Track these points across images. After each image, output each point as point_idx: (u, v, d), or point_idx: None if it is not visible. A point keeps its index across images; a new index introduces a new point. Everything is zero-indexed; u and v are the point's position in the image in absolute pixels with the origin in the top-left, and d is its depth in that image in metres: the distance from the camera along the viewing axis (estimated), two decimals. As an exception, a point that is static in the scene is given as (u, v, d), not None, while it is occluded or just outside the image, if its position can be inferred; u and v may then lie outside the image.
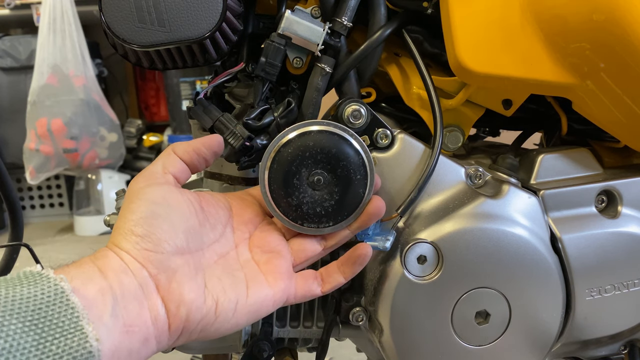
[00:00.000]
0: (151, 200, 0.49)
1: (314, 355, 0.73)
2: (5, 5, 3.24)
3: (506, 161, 0.66)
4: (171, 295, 0.47)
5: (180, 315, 0.47)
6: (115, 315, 0.42)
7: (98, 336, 0.39)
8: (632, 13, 0.54)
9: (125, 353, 0.42)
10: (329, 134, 0.55)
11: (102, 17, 0.56)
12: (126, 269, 0.45)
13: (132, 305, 0.44)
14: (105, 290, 0.43)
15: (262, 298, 0.51)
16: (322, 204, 0.55)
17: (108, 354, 0.40)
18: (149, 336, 0.45)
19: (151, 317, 0.45)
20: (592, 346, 0.72)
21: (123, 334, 0.42)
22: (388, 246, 0.59)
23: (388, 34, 0.64)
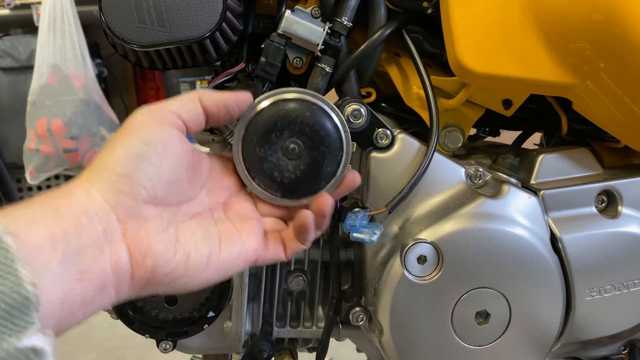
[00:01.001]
0: (147, 141, 0.45)
1: (314, 355, 0.73)
2: (5, 5, 3.24)
3: (506, 161, 0.66)
4: (138, 245, 0.44)
5: (146, 266, 0.44)
6: (65, 262, 0.39)
7: (35, 281, 0.36)
8: (632, 13, 0.54)
9: (77, 301, 0.40)
10: (305, 102, 0.53)
11: (102, 17, 0.56)
12: (90, 212, 0.42)
13: (89, 251, 0.41)
14: (56, 235, 0.39)
15: (234, 254, 0.49)
16: (296, 175, 0.53)
17: (56, 302, 0.38)
18: (106, 284, 0.42)
19: (111, 265, 0.42)
20: (592, 346, 0.72)
21: (75, 282, 0.39)
22: (375, 240, 0.59)
23: (388, 34, 0.64)
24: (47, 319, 0.37)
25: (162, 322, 0.69)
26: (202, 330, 0.68)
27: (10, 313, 0.35)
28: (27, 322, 0.35)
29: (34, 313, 0.35)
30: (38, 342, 0.35)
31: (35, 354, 0.35)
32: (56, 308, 0.38)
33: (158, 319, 0.69)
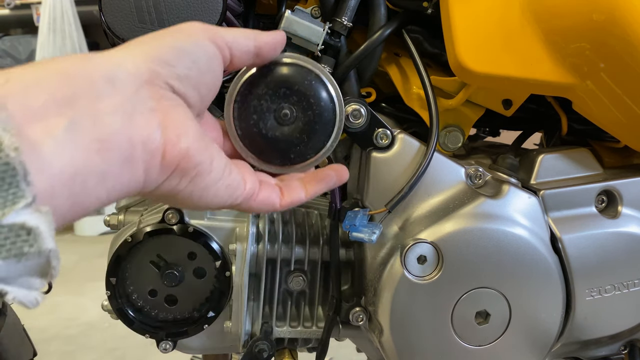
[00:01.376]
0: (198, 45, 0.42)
1: (314, 355, 0.73)
2: (5, 5, 3.24)
3: (506, 161, 0.66)
4: (172, 122, 0.39)
5: (180, 147, 0.39)
6: (75, 129, 0.33)
7: (17, 145, 0.29)
8: (632, 13, 0.54)
9: (96, 176, 0.34)
10: (300, 67, 0.52)
11: (102, 17, 0.56)
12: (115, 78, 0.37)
13: (111, 118, 0.35)
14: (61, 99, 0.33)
15: (238, 179, 0.46)
16: (287, 141, 0.52)
17: (63, 175, 0.32)
18: (134, 158, 0.36)
19: (142, 137, 0.37)
20: (592, 346, 0.72)
21: (91, 152, 0.34)
22: (374, 239, 0.59)
23: (388, 34, 0.64)
24: (52, 195, 0.32)
25: (162, 322, 0.69)
26: (202, 330, 0.68)
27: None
28: (15, 194, 0.29)
29: (24, 185, 0.29)
30: (30, 219, 0.29)
31: (27, 232, 0.29)
32: (65, 183, 0.32)
33: (158, 319, 0.69)
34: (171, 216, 0.65)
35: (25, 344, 0.98)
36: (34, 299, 0.31)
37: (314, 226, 0.71)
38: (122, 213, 0.73)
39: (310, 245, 0.69)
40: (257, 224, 0.69)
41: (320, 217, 0.72)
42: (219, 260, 0.66)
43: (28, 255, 0.29)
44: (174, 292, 0.68)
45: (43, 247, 0.30)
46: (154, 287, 0.68)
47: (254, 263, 0.68)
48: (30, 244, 0.29)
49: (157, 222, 0.66)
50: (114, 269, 0.66)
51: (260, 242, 0.68)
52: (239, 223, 0.68)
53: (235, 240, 0.67)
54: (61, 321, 2.30)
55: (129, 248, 0.65)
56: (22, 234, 0.29)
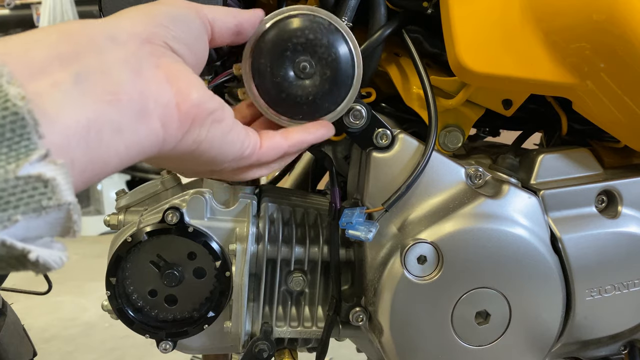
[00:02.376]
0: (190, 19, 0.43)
1: (314, 355, 0.73)
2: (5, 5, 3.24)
3: (506, 161, 0.66)
4: (180, 75, 0.39)
5: (192, 98, 0.39)
6: (83, 81, 0.32)
7: (24, 94, 0.28)
8: (632, 13, 0.54)
9: (110, 127, 0.33)
10: (317, 19, 0.52)
11: (102, 17, 0.56)
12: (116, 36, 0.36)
13: (118, 71, 0.35)
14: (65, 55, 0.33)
15: (244, 134, 0.46)
16: (305, 95, 0.52)
17: (76, 127, 0.31)
18: (148, 111, 0.36)
19: (153, 91, 0.37)
20: (592, 346, 0.72)
21: (103, 104, 0.33)
22: (370, 237, 0.59)
23: (388, 34, 0.64)
24: (67, 147, 0.31)
25: (162, 322, 0.69)
26: (202, 330, 0.68)
27: (2, 134, 0.28)
28: (27, 147, 0.28)
29: (35, 136, 0.28)
30: (46, 170, 0.28)
31: (44, 184, 0.28)
32: (79, 134, 0.31)
33: (158, 319, 0.69)
34: (171, 216, 0.65)
35: (25, 344, 0.98)
36: (59, 258, 0.30)
37: (314, 226, 0.71)
38: (122, 213, 0.73)
39: (310, 245, 0.69)
40: (257, 224, 0.69)
41: (320, 217, 0.72)
42: (219, 260, 0.66)
43: (47, 209, 0.28)
44: (174, 292, 0.68)
45: (62, 199, 0.29)
46: (154, 287, 0.68)
47: (254, 263, 0.68)
48: (48, 196, 0.28)
49: (157, 222, 0.66)
50: (114, 269, 0.66)
51: (260, 242, 0.68)
52: (239, 223, 0.68)
53: (235, 240, 0.67)
54: (61, 321, 2.30)
55: (129, 248, 0.65)
56: (39, 187, 0.28)
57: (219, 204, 0.69)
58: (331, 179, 0.66)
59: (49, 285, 1.08)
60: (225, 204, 0.69)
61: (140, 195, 0.75)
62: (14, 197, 0.27)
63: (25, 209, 0.28)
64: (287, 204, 0.72)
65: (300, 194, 0.78)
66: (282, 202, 0.72)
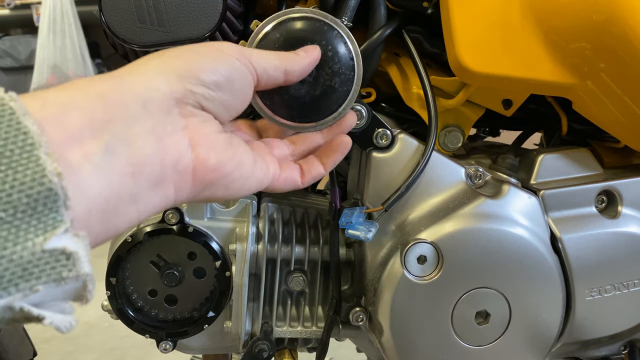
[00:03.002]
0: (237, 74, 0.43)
1: (314, 355, 0.73)
2: (5, 5, 3.24)
3: (506, 161, 0.66)
4: (202, 139, 0.40)
5: (210, 163, 0.40)
6: (111, 152, 0.34)
7: (60, 170, 0.30)
8: (632, 13, 0.54)
9: (128, 198, 0.35)
10: (315, 21, 0.52)
11: (102, 17, 0.56)
12: (148, 100, 0.37)
13: (143, 141, 0.36)
14: (97, 122, 0.34)
15: (265, 167, 0.48)
16: (306, 98, 0.52)
17: (99, 199, 0.33)
18: (165, 179, 0.37)
19: (172, 158, 0.38)
20: (592, 346, 0.72)
21: (125, 176, 0.34)
22: (370, 237, 0.59)
23: (388, 34, 0.64)
24: (87, 219, 0.32)
25: (162, 322, 0.69)
26: (202, 330, 0.68)
27: (34, 208, 0.29)
28: (54, 219, 0.29)
29: (63, 210, 0.30)
30: (70, 244, 0.30)
31: (67, 257, 0.30)
32: (99, 206, 0.33)
33: (158, 319, 0.69)
34: (171, 216, 0.65)
35: (25, 344, 0.98)
36: (69, 323, 0.32)
37: (314, 226, 0.71)
38: (122, 213, 0.73)
39: (310, 245, 0.69)
40: (257, 224, 0.69)
41: (320, 217, 0.72)
42: (219, 260, 0.66)
43: (67, 279, 0.30)
44: (174, 292, 0.68)
45: (81, 271, 0.30)
46: (154, 287, 0.68)
47: (254, 263, 0.68)
48: (69, 268, 0.30)
49: (157, 222, 0.66)
50: (114, 269, 0.66)
51: (260, 242, 0.68)
52: (239, 223, 0.68)
53: (235, 240, 0.67)
54: (61, 321, 2.30)
55: (129, 248, 0.65)
56: (62, 259, 0.30)
57: (219, 204, 0.69)
58: (331, 179, 0.66)
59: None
60: (225, 204, 0.69)
61: (140, 195, 0.75)
62: (38, 269, 0.29)
63: (47, 279, 0.29)
64: (287, 204, 0.72)
65: (300, 194, 0.78)
66: (282, 202, 0.72)
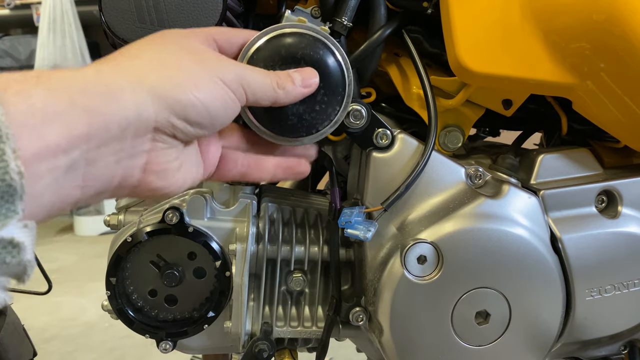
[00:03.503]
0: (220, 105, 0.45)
1: (314, 355, 0.73)
2: (5, 5, 3.24)
3: (506, 161, 0.66)
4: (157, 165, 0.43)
5: (151, 186, 0.43)
6: (74, 170, 0.36)
7: (22, 169, 0.32)
8: (632, 13, 0.54)
9: (71, 204, 0.38)
10: (307, 37, 0.53)
11: (102, 17, 0.56)
12: (131, 125, 0.39)
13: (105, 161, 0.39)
14: (75, 140, 0.36)
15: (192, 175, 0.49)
16: (295, 113, 0.53)
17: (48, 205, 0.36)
18: (105, 192, 0.41)
19: (120, 177, 0.40)
20: (592, 346, 0.72)
21: (76, 189, 0.37)
22: (369, 237, 0.59)
23: (388, 34, 0.64)
24: (33, 214, 0.35)
25: (162, 322, 0.69)
26: (202, 330, 0.68)
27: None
28: (8, 210, 0.32)
29: (19, 202, 0.32)
30: (18, 235, 0.33)
31: (13, 246, 0.32)
32: (46, 209, 0.36)
33: (158, 319, 0.69)
34: (171, 216, 0.65)
35: (25, 344, 0.98)
36: (2, 299, 0.35)
37: (314, 226, 0.71)
38: (122, 213, 0.73)
39: (310, 245, 0.69)
40: (257, 224, 0.69)
41: (320, 217, 0.72)
42: (219, 260, 0.66)
43: (9, 264, 0.33)
44: (174, 292, 0.68)
45: (24, 259, 0.33)
46: (154, 287, 0.68)
47: (254, 263, 0.68)
48: (13, 255, 0.33)
49: (157, 222, 0.66)
50: (114, 269, 0.66)
51: (260, 242, 0.68)
52: (239, 223, 0.68)
53: (235, 240, 0.67)
54: (61, 321, 2.30)
55: (129, 248, 0.65)
56: (9, 247, 0.32)
57: (219, 204, 0.69)
58: (331, 179, 0.66)
59: (49, 285, 1.08)
60: (225, 204, 0.69)
61: (140, 195, 0.75)
62: None
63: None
64: (287, 204, 0.72)
65: (300, 194, 0.78)
66: (282, 202, 0.72)
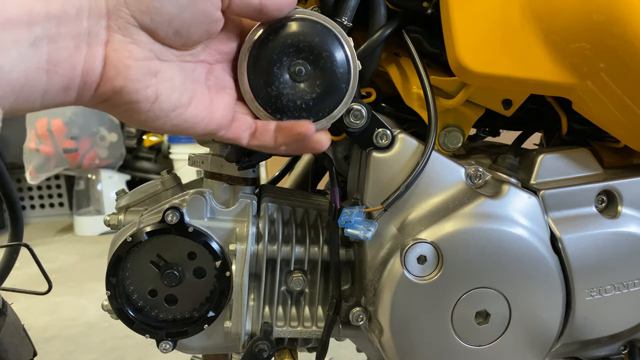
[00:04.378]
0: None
1: (314, 355, 0.73)
2: (5, 5, 3.23)
3: (506, 161, 0.66)
4: (116, 59, 0.42)
5: (113, 84, 0.42)
6: (37, 45, 0.38)
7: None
8: (632, 13, 0.54)
9: (38, 92, 0.39)
10: (314, 23, 0.52)
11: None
12: (82, 6, 0.40)
13: (65, 43, 0.40)
14: (35, 15, 0.38)
15: (198, 118, 0.48)
16: (300, 98, 0.52)
17: (15, 84, 0.38)
18: (71, 85, 0.41)
19: (83, 68, 0.41)
20: (592, 346, 0.72)
21: (42, 71, 0.39)
22: (369, 236, 0.59)
23: (388, 34, 0.64)
24: (3, 96, 0.37)
25: (162, 322, 0.69)
26: (202, 330, 0.68)
27: None
28: None
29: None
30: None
31: None
32: (13, 91, 0.38)
33: (158, 319, 0.69)
34: (171, 216, 0.65)
35: (25, 344, 0.98)
36: None
37: (314, 226, 0.72)
38: (122, 213, 0.73)
39: (310, 245, 0.69)
40: (257, 224, 0.69)
41: (320, 217, 0.72)
42: (219, 260, 0.66)
43: None
44: (174, 292, 0.68)
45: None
46: (154, 287, 0.68)
47: (254, 263, 0.68)
48: None
49: (157, 222, 0.66)
50: (114, 269, 0.66)
51: (260, 242, 0.68)
52: (239, 223, 0.68)
53: (235, 240, 0.67)
54: (61, 321, 2.30)
55: (129, 248, 0.65)
56: None
57: (219, 204, 0.69)
58: (331, 179, 0.66)
59: (49, 285, 1.08)
60: (225, 204, 0.69)
61: (140, 195, 0.75)
62: None
63: None
64: (287, 204, 0.72)
65: (300, 194, 0.78)
66: (282, 202, 0.72)
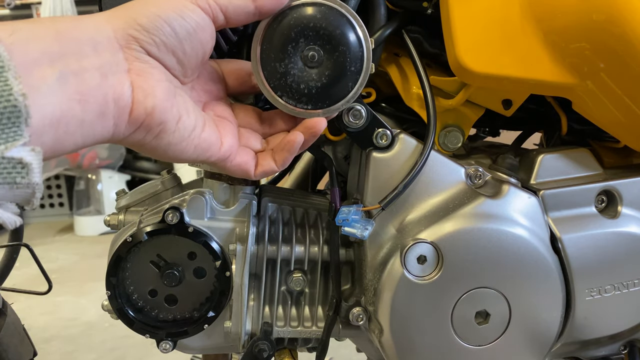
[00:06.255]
0: (183, 16, 0.46)
1: (314, 355, 0.73)
2: (5, 5, 3.24)
3: (506, 161, 0.66)
4: (142, 83, 0.44)
5: (146, 105, 0.44)
6: (63, 80, 0.39)
7: (26, 92, 0.36)
8: (632, 13, 0.54)
9: (75, 122, 0.40)
10: (325, 7, 0.52)
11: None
12: (97, 41, 0.42)
13: (90, 75, 0.41)
14: (53, 54, 0.39)
15: (213, 140, 0.50)
16: (314, 84, 0.53)
17: (51, 119, 0.38)
18: (106, 112, 0.42)
19: (113, 94, 0.42)
20: (592, 346, 0.72)
21: (74, 102, 0.40)
22: (366, 235, 0.59)
23: (388, 34, 0.64)
24: (41, 134, 0.38)
25: (162, 322, 0.69)
26: (202, 330, 0.68)
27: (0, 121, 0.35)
28: (15, 133, 0.36)
29: (24, 126, 0.36)
30: (26, 156, 0.36)
31: (22, 167, 0.36)
32: (52, 125, 0.38)
33: (158, 319, 0.69)
34: (171, 216, 0.65)
35: (25, 344, 0.98)
36: (14, 221, 0.39)
37: (314, 226, 0.72)
38: (122, 213, 0.73)
39: (310, 245, 0.69)
40: (257, 224, 0.69)
41: (320, 217, 0.72)
42: (219, 260, 0.66)
43: (19, 185, 0.37)
44: (174, 292, 0.68)
45: (32, 180, 0.37)
46: (154, 287, 0.68)
47: (254, 263, 0.68)
48: (22, 176, 0.37)
49: (157, 222, 0.66)
50: (114, 269, 0.66)
51: (260, 242, 0.68)
52: (239, 223, 0.68)
53: (235, 240, 0.67)
54: (61, 321, 2.30)
55: (129, 248, 0.65)
56: (18, 167, 0.36)
57: (219, 204, 0.69)
58: (331, 179, 0.66)
59: (49, 285, 1.08)
60: (225, 204, 0.69)
61: (140, 195, 0.75)
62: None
63: (2, 181, 0.36)
64: (287, 204, 0.72)
65: (300, 194, 0.78)
66: (282, 202, 0.72)
